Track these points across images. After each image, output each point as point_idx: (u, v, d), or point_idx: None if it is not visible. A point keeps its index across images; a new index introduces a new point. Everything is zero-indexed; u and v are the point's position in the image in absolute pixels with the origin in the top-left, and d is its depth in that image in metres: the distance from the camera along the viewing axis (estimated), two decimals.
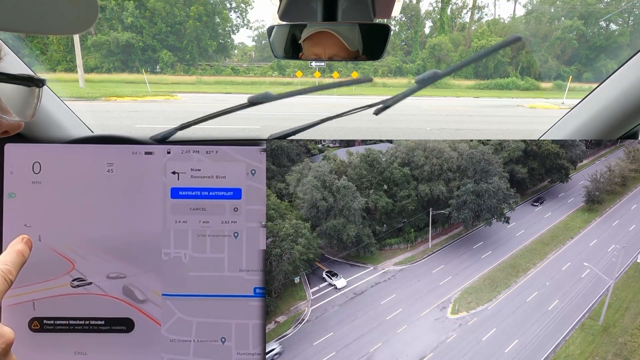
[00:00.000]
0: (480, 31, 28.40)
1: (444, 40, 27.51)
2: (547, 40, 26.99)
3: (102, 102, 14.34)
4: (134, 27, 25.04)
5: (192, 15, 25.90)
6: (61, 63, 22.18)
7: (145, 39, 25.29)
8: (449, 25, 29.71)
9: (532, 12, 29.14)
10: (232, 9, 28.75)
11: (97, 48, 24.61)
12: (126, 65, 25.21)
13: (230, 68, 26.25)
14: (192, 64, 26.51)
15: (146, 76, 20.14)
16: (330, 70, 20.84)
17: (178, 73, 25.51)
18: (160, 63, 26.07)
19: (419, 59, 28.03)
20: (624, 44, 25.18)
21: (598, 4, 26.54)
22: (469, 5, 30.41)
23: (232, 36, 29.18)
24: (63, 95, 1.44)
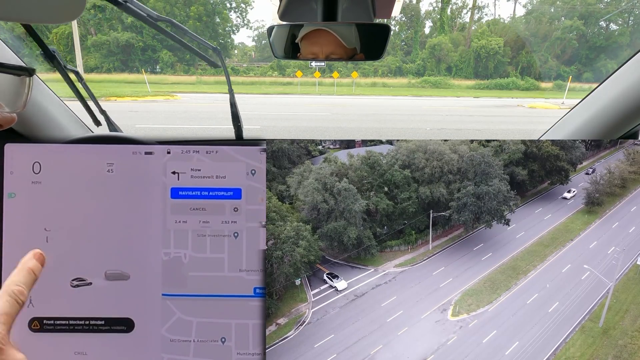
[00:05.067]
0: (480, 31, 28.41)
1: (444, 40, 27.53)
2: (547, 40, 27.01)
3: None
4: (134, 27, 25.03)
5: (192, 15, 25.92)
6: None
7: (145, 39, 25.29)
8: (449, 25, 29.74)
9: (532, 12, 29.16)
10: (232, 9, 28.78)
11: (97, 48, 24.61)
12: (126, 65, 25.21)
13: (230, 68, 26.24)
14: (192, 64, 26.51)
15: (146, 76, 20.15)
16: (330, 70, 20.85)
17: (178, 73, 25.51)
18: (160, 63, 26.08)
19: (419, 59, 28.05)
20: (624, 44, 25.20)
21: (598, 4, 26.57)
22: (469, 5, 30.46)
23: (232, 36, 29.22)
24: (63, 95, 1.44)
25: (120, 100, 14.88)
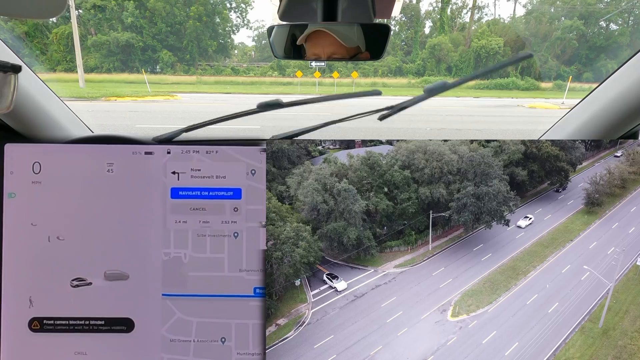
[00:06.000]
0: (480, 31, 28.40)
1: (444, 40, 27.53)
2: (547, 40, 27.01)
3: (102, 102, 14.33)
4: (134, 27, 25.04)
5: (192, 15, 25.91)
6: (61, 63, 22.17)
7: (145, 39, 25.29)
8: (449, 25, 29.73)
9: (532, 12, 29.16)
10: (232, 9, 28.77)
11: (97, 48, 24.60)
12: (126, 65, 25.20)
13: (230, 68, 26.24)
14: (192, 64, 26.51)
15: (146, 76, 20.13)
16: (330, 70, 20.84)
17: (178, 73, 25.51)
18: (160, 63, 26.07)
19: (419, 59, 28.05)
20: (624, 44, 25.20)
21: (598, 4, 26.56)
22: (469, 5, 30.45)
23: (232, 36, 29.21)
24: (63, 95, 1.43)
25: (120, 100, 14.87)
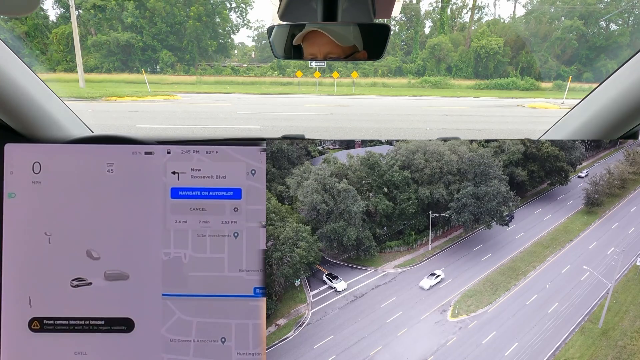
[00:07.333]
0: (480, 31, 28.39)
1: (444, 40, 27.52)
2: (547, 40, 27.00)
3: (102, 102, 14.34)
4: (134, 27, 25.03)
5: (192, 15, 25.90)
6: (61, 63, 22.16)
7: (145, 39, 25.28)
8: (449, 25, 29.73)
9: (532, 12, 29.14)
10: (232, 9, 28.76)
11: (97, 48, 24.60)
12: (126, 65, 25.20)
13: (230, 68, 26.24)
14: (192, 64, 26.51)
15: (146, 76, 20.14)
16: (330, 70, 20.85)
17: (178, 73, 25.50)
18: (160, 63, 26.07)
19: (419, 59, 28.04)
20: (624, 44, 25.19)
21: (598, 4, 26.55)
22: (469, 5, 30.44)
23: (232, 36, 29.20)
24: (63, 95, 1.44)
25: (121, 100, 14.88)
